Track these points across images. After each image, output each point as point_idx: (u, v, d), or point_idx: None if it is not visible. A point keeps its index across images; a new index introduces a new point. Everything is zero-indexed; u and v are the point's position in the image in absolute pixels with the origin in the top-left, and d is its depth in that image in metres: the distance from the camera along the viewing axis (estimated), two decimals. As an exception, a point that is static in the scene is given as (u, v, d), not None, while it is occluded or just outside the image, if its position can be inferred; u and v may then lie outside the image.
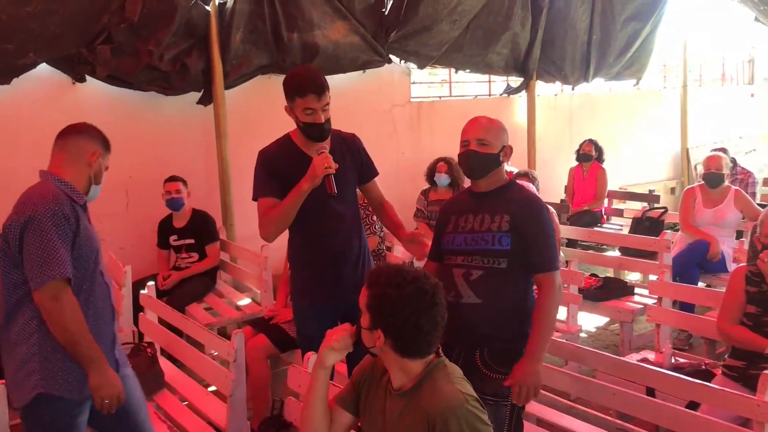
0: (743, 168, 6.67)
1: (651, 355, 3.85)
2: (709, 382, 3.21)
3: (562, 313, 4.71)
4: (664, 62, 10.01)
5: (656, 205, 6.83)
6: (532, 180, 5.37)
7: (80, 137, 2.58)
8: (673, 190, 9.77)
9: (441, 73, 8.25)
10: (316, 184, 2.83)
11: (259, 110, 6.27)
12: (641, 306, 4.74)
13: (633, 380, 3.25)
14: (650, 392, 3.29)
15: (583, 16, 7.87)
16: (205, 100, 5.79)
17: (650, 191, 7.71)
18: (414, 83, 7.38)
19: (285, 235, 3.11)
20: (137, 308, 4.70)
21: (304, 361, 2.79)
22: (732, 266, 5.29)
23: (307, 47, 6.07)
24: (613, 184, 8.38)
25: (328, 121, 2.94)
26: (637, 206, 7.36)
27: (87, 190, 2.58)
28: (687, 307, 4.57)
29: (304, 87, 2.88)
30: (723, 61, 10.89)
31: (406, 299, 1.95)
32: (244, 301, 5.26)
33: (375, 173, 3.23)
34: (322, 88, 2.89)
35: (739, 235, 5.63)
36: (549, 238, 2.70)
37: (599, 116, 8.96)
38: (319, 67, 6.11)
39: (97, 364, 2.41)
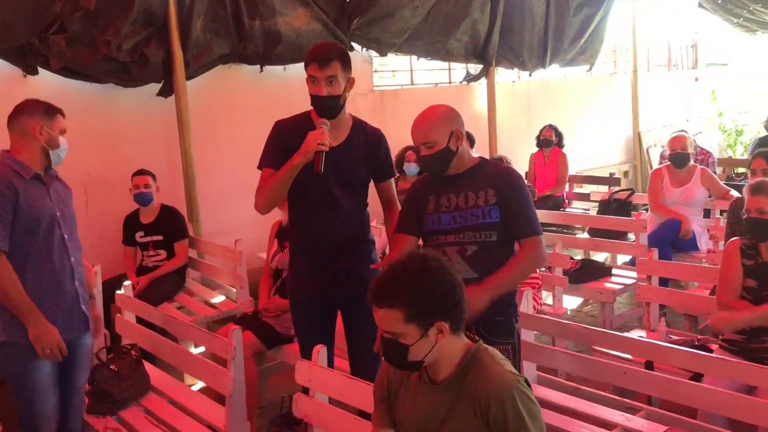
0: (702, 148, 6.80)
1: (640, 333, 3.86)
2: (707, 356, 3.26)
3: (548, 297, 4.73)
4: (614, 48, 10.15)
5: (623, 188, 6.91)
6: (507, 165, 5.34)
7: (21, 117, 2.87)
8: (626, 173, 9.94)
9: (392, 62, 8.16)
10: (308, 159, 2.73)
11: (221, 101, 6.10)
12: (621, 286, 4.76)
13: (633, 355, 3.27)
14: (649, 366, 3.31)
15: (539, 2, 7.91)
16: (166, 91, 5.56)
17: (611, 174, 7.80)
18: (376, 71, 7.28)
19: (253, 231, 2.99)
20: (107, 310, 4.53)
21: (313, 355, 2.66)
22: (703, 244, 5.40)
23: (270, 35, 5.90)
24: (569, 170, 8.46)
25: (332, 97, 2.82)
26: (603, 189, 7.44)
27: (47, 161, 2.90)
28: (663, 283, 4.62)
29: (310, 54, 2.82)
30: (669, 46, 11.13)
31: (439, 277, 1.88)
32: (218, 298, 5.07)
33: (391, 174, 3.14)
34: (325, 58, 2.79)
35: (707, 213, 5.73)
36: (530, 205, 2.78)
37: (556, 102, 9.03)
38: (281, 55, 6.01)
39: (33, 318, 2.77)
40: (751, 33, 10.60)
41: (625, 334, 3.77)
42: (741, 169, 8.07)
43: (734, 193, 5.39)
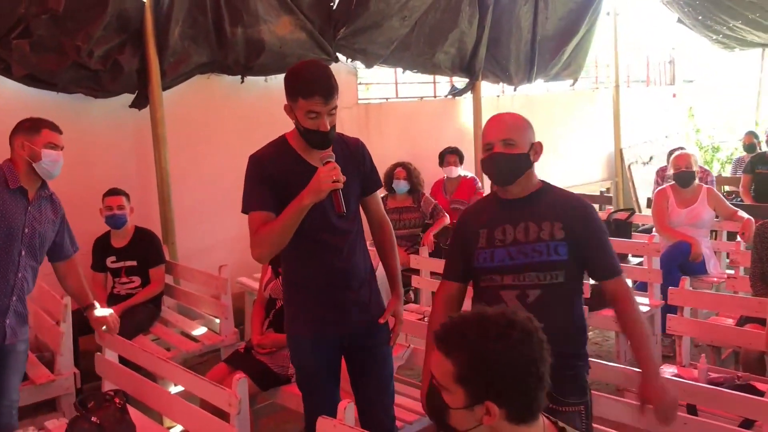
0: (702, 167, 6.62)
1: (672, 370, 3.56)
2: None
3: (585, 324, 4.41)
4: (595, 62, 10.00)
5: (622, 207, 6.67)
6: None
7: (11, 139, 3.09)
8: (608, 190, 9.74)
9: (374, 75, 7.84)
10: (320, 199, 2.38)
11: (200, 113, 5.67)
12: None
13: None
14: (692, 410, 3.00)
15: (527, 14, 7.68)
16: (140, 102, 5.13)
17: (601, 192, 7.57)
18: (360, 84, 6.94)
19: (233, 253, 2.61)
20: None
21: (339, 412, 2.27)
22: (711, 267, 5.16)
23: (252, 43, 5.51)
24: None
25: (333, 128, 2.47)
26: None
27: (36, 175, 3.08)
28: (671, 310, 4.35)
29: (311, 87, 2.38)
30: (647, 62, 11.04)
31: (516, 350, 1.52)
32: (199, 330, 4.62)
33: (378, 185, 2.77)
34: (331, 91, 2.40)
35: (713, 235, 5.50)
36: (608, 240, 2.42)
37: (539, 117, 8.71)
38: (264, 66, 5.62)
39: None
40: (729, 50, 10.56)
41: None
42: (727, 188, 7.93)
43: (743, 214, 5.18)
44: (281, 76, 5.89)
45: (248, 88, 5.79)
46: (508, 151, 2.33)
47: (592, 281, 3.02)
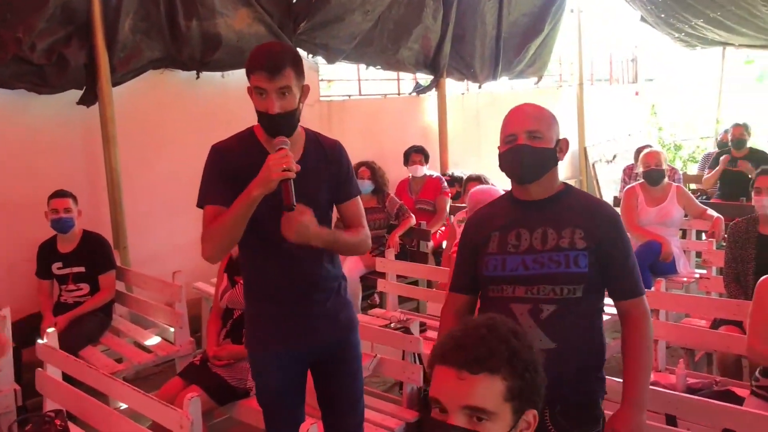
0: (669, 165, 6.54)
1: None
2: (737, 405, 2.85)
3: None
4: (559, 60, 9.94)
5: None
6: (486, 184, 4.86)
7: None
8: (572, 188, 9.70)
9: (327, 72, 7.61)
10: (270, 189, 2.13)
11: (152, 111, 5.39)
12: (609, 316, 4.33)
13: (651, 409, 2.80)
14: (671, 421, 2.86)
15: (491, 10, 7.55)
16: (89, 99, 4.84)
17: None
18: (322, 80, 6.73)
19: (189, 258, 2.39)
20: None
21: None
22: (681, 266, 5.07)
23: (208, 38, 5.26)
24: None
25: (286, 114, 2.22)
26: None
27: None
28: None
29: (254, 61, 2.20)
30: (611, 60, 11.03)
31: (537, 353, 1.41)
32: (152, 339, 4.37)
33: (354, 193, 2.49)
34: (276, 66, 2.17)
35: (682, 234, 5.42)
36: (633, 255, 2.16)
37: (503, 116, 8.66)
38: (220, 61, 5.38)
39: None
40: (691, 48, 10.59)
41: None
42: (693, 186, 7.89)
43: (712, 213, 5.11)
44: (239, 72, 5.64)
45: (204, 84, 5.53)
46: (534, 143, 2.10)
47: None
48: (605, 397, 2.21)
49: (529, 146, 2.09)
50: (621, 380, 2.15)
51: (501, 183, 5.81)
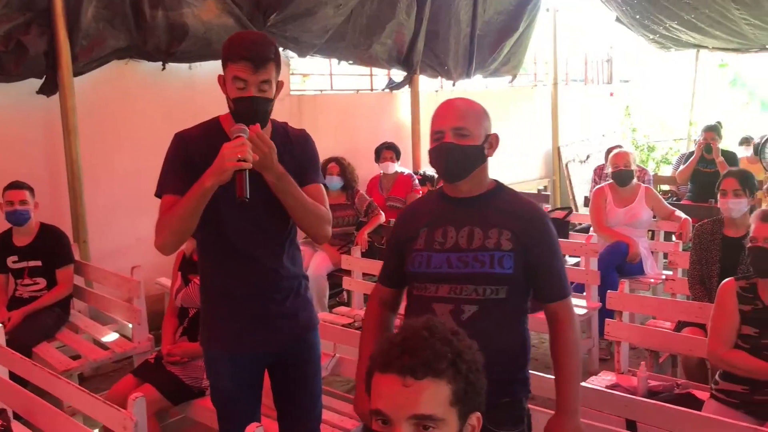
0: (639, 166, 6.54)
1: (610, 377, 3.41)
2: (697, 409, 2.83)
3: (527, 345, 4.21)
4: (534, 59, 9.93)
5: (560, 206, 6.55)
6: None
7: None
8: (545, 188, 9.69)
9: (298, 66, 7.51)
10: (224, 180, 2.05)
11: (116, 102, 5.28)
12: (574, 317, 4.31)
13: (610, 412, 2.77)
14: (631, 425, 2.83)
15: (466, 7, 7.50)
16: (49, 89, 4.73)
17: (539, 190, 7.47)
18: (295, 74, 6.64)
19: (151, 253, 2.30)
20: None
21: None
22: (648, 267, 5.07)
23: (174, 28, 5.16)
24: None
25: (265, 100, 2.16)
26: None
27: None
28: (609, 314, 4.22)
29: (240, 51, 2.13)
30: (585, 60, 11.04)
31: (477, 352, 1.36)
32: (110, 336, 4.26)
33: (314, 178, 2.39)
34: (262, 59, 2.11)
35: (650, 235, 5.41)
36: (561, 257, 2.15)
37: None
38: (187, 52, 5.27)
39: None
40: (665, 50, 10.61)
41: (592, 381, 3.34)
42: (665, 187, 7.92)
43: (680, 214, 5.11)
44: (207, 64, 5.53)
45: (170, 75, 5.42)
46: (460, 141, 2.05)
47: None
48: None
49: (454, 144, 2.05)
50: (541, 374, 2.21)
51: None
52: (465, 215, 2.10)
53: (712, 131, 6.85)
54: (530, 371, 2.20)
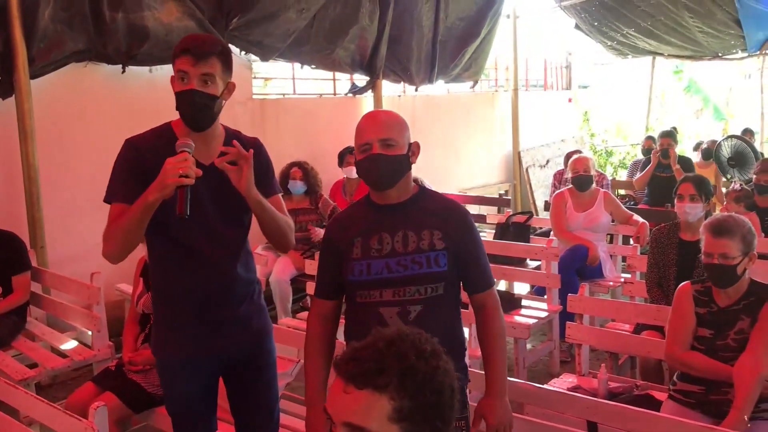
0: (598, 171, 6.64)
1: (571, 379, 3.46)
2: (656, 409, 2.89)
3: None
4: (495, 65, 10.03)
5: (522, 210, 6.63)
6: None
7: None
8: (506, 192, 9.80)
9: (261, 70, 7.48)
10: (166, 195, 2.03)
11: (74, 105, 5.19)
12: (535, 320, 4.38)
13: (572, 414, 2.82)
14: (592, 427, 2.88)
15: (428, 13, 7.55)
16: (4, 91, 4.63)
17: (500, 195, 7.54)
18: (257, 78, 6.60)
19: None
20: None
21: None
22: (607, 270, 5.16)
23: (134, 30, 5.09)
24: (450, 188, 8.17)
25: (205, 95, 2.14)
26: (489, 210, 7.14)
27: None
28: (570, 317, 4.29)
29: (181, 44, 2.17)
30: (545, 66, 11.20)
31: (448, 368, 1.31)
32: (69, 343, 4.18)
33: (273, 191, 2.40)
34: (202, 51, 2.13)
35: (609, 238, 5.51)
36: (484, 249, 2.29)
37: (440, 119, 8.70)
38: (147, 55, 5.21)
39: None
40: (622, 56, 10.85)
41: (553, 384, 3.39)
42: (622, 191, 8.09)
43: (638, 218, 5.21)
44: (167, 67, 5.46)
45: (130, 78, 5.34)
46: (388, 152, 2.13)
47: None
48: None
49: (383, 155, 2.13)
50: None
51: (438, 186, 5.82)
52: (396, 220, 2.20)
53: (668, 137, 7.03)
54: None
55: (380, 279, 2.15)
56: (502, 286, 5.72)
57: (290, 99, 7.09)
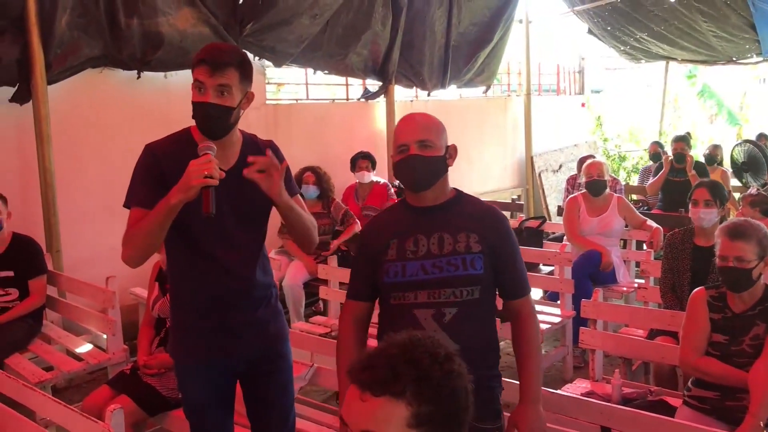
0: (611, 176, 6.63)
1: (585, 384, 3.45)
2: (670, 415, 2.88)
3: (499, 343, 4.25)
4: (508, 70, 10.03)
5: (534, 215, 6.62)
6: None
7: None
8: (519, 197, 9.78)
9: (274, 76, 7.53)
10: (190, 197, 2.04)
11: (90, 111, 5.24)
12: (549, 325, 4.37)
13: (586, 419, 2.82)
14: (606, 432, 2.88)
15: (441, 18, 7.57)
16: (22, 97, 4.70)
17: (513, 200, 7.53)
18: (270, 84, 6.63)
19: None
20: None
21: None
22: (621, 276, 5.14)
23: (149, 37, 5.14)
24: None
25: (220, 107, 2.14)
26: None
27: None
28: (584, 322, 4.28)
29: (201, 54, 2.17)
30: (558, 71, 11.19)
31: (464, 373, 1.30)
32: (84, 347, 4.21)
33: (294, 191, 2.40)
34: (220, 62, 2.12)
35: (623, 244, 5.49)
36: (520, 256, 2.27)
37: (453, 123, 8.61)
38: (162, 61, 5.26)
39: None
40: (636, 61, 10.82)
41: (567, 389, 3.38)
42: (635, 196, 8.05)
43: (651, 223, 5.19)
44: (182, 73, 5.51)
45: (145, 84, 5.39)
46: (426, 153, 2.13)
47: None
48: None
49: (420, 156, 2.13)
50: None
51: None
52: (432, 223, 2.19)
53: (682, 141, 7.00)
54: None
55: (415, 281, 2.14)
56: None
57: (303, 104, 7.13)
